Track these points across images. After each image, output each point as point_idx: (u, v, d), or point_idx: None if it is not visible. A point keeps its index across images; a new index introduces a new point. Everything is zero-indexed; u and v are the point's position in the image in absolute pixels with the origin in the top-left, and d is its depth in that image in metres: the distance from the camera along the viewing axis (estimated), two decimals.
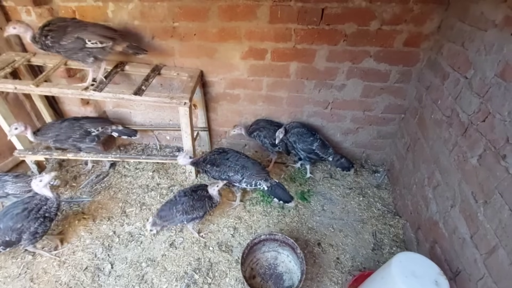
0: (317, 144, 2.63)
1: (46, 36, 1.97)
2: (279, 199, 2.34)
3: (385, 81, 2.49)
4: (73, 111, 3.02)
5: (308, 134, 2.65)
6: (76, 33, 2.01)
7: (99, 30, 2.10)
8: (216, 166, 2.35)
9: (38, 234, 1.99)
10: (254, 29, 2.32)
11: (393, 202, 2.66)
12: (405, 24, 2.16)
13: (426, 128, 2.17)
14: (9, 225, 1.88)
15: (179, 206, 2.14)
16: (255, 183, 2.31)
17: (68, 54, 2.09)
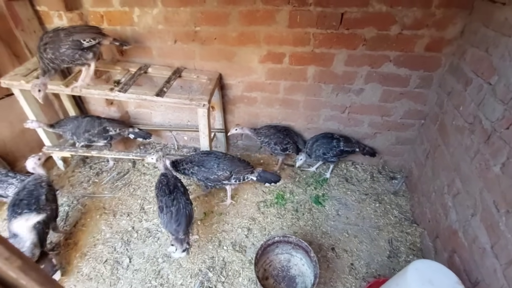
0: (342, 143, 2.68)
1: (45, 50, 2.09)
2: (270, 181, 2.50)
3: (405, 86, 2.45)
4: (98, 111, 3.17)
5: (330, 139, 2.69)
6: (70, 37, 2.14)
7: (87, 30, 2.25)
8: (203, 167, 2.41)
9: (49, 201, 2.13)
10: (273, 33, 2.36)
11: (411, 209, 2.60)
12: (426, 28, 2.13)
13: (447, 135, 2.12)
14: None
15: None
16: (244, 177, 2.44)
17: (69, 59, 2.19)
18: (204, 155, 2.48)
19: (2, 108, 2.59)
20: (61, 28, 2.17)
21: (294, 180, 2.89)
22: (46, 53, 2.10)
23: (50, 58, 2.12)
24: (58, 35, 2.12)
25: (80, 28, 2.24)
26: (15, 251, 0.46)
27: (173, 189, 2.13)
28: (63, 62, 2.19)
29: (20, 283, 0.47)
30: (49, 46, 2.09)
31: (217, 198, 2.72)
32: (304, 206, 2.64)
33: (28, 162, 2.16)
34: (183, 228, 2.00)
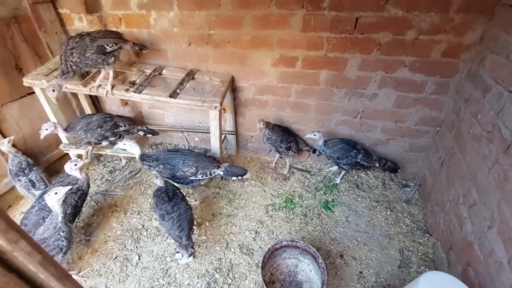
0: (361, 156, 2.62)
1: (72, 54, 2.20)
2: (237, 175, 2.46)
3: (420, 92, 2.40)
4: (113, 110, 3.26)
5: (350, 148, 2.63)
6: (95, 42, 2.23)
7: (109, 35, 2.33)
8: (168, 165, 2.39)
9: (78, 207, 2.23)
10: (286, 37, 2.36)
11: (424, 219, 2.53)
12: (444, 34, 2.08)
13: (464, 143, 2.06)
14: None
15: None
16: (210, 172, 2.41)
17: (93, 63, 2.28)
18: (170, 153, 2.46)
19: (24, 106, 2.70)
20: (85, 33, 2.25)
21: (304, 185, 2.87)
22: (72, 57, 2.20)
23: (75, 62, 2.22)
24: (83, 40, 2.21)
25: (102, 33, 2.32)
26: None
27: (172, 196, 2.16)
28: (86, 66, 2.29)
29: (39, 277, 0.49)
30: (75, 51, 2.19)
31: (226, 199, 2.73)
32: (313, 211, 2.61)
33: (66, 165, 2.24)
34: (185, 234, 2.01)
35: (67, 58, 2.21)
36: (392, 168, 2.70)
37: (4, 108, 2.55)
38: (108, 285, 2.11)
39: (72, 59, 2.20)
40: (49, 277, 0.49)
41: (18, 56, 2.59)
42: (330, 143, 2.69)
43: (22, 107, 2.70)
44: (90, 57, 2.24)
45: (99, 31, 2.34)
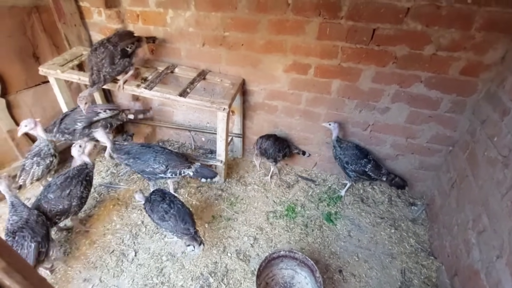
0: (370, 166, 2.54)
1: (103, 65, 2.24)
2: (206, 177, 2.48)
3: (435, 109, 2.33)
4: (124, 105, 3.29)
5: (362, 155, 2.56)
6: (118, 47, 2.27)
7: (124, 37, 2.36)
8: (139, 160, 2.39)
9: (83, 199, 2.22)
10: (300, 44, 2.34)
11: (429, 240, 2.43)
12: (464, 51, 2.01)
13: (477, 166, 1.97)
14: (59, 194, 2.09)
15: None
16: (180, 171, 2.41)
17: (122, 68, 2.34)
18: (142, 148, 2.44)
19: (38, 94, 2.76)
20: (105, 42, 2.27)
21: (307, 194, 2.82)
22: (105, 68, 2.26)
23: (108, 71, 2.28)
24: (108, 49, 2.25)
25: (118, 37, 2.34)
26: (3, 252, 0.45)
27: (164, 196, 2.16)
28: (117, 73, 2.35)
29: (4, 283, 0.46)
30: (105, 61, 2.24)
31: (227, 202, 2.70)
32: (315, 222, 2.55)
33: (72, 149, 2.25)
34: (191, 224, 2.03)
35: (99, 69, 2.25)
36: (399, 184, 2.61)
37: (19, 94, 2.61)
38: (102, 278, 2.10)
39: (105, 69, 2.26)
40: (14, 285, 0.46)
41: (36, 45, 2.65)
42: (344, 144, 2.61)
43: (36, 95, 2.75)
44: (119, 63, 2.30)
45: (113, 35, 2.37)
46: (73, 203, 2.15)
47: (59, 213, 2.11)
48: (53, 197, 2.08)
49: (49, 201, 2.08)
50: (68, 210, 2.14)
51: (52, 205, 2.07)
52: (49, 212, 2.06)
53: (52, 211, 2.08)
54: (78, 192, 2.16)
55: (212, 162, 2.78)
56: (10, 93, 2.54)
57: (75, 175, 2.19)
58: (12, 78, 2.52)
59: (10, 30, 2.44)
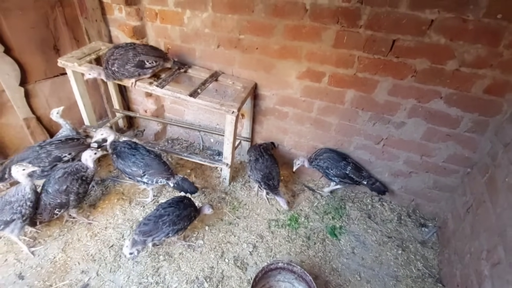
0: (350, 168, 2.51)
1: (113, 64, 2.33)
2: (186, 191, 2.43)
3: (454, 127, 2.20)
4: (137, 100, 3.34)
5: (339, 158, 2.54)
6: (137, 58, 2.33)
7: (152, 52, 2.41)
8: (121, 159, 2.38)
9: (80, 194, 2.25)
10: (315, 51, 2.28)
11: (438, 266, 2.29)
12: (490, 69, 1.89)
13: (496, 192, 1.84)
14: (56, 188, 2.13)
15: (166, 217, 2.03)
16: (156, 180, 2.39)
17: (129, 74, 2.39)
18: (128, 149, 2.41)
19: (55, 85, 2.84)
20: (130, 47, 2.34)
21: (312, 205, 2.73)
22: (113, 66, 2.33)
23: (113, 70, 2.35)
24: (127, 54, 2.31)
25: (147, 49, 2.41)
26: None
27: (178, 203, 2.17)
28: (122, 76, 2.40)
29: None
30: (117, 62, 2.32)
31: (230, 206, 2.66)
32: (318, 235, 2.47)
33: (85, 153, 2.26)
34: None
35: (107, 65, 2.34)
36: (380, 189, 2.57)
37: (37, 84, 2.69)
38: (99, 272, 2.11)
39: (112, 68, 2.34)
40: None
41: (58, 37, 2.73)
42: (314, 155, 2.64)
43: (54, 86, 2.83)
44: (128, 69, 2.35)
45: (144, 46, 2.44)
46: (71, 198, 2.19)
47: (57, 206, 2.16)
48: (51, 191, 2.13)
49: (48, 194, 2.13)
50: (67, 204, 2.20)
51: (50, 199, 2.12)
52: (49, 205, 2.12)
53: (51, 204, 2.12)
54: (75, 189, 2.19)
55: (218, 164, 2.75)
56: (29, 83, 2.62)
57: (73, 172, 2.21)
58: (32, 68, 2.60)
59: (34, 22, 2.52)
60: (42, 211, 2.12)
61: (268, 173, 2.52)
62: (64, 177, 2.17)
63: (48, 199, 2.12)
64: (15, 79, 2.50)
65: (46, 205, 2.12)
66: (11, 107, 2.55)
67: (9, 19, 2.36)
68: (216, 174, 2.98)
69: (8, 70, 2.44)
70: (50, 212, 2.14)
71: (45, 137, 2.82)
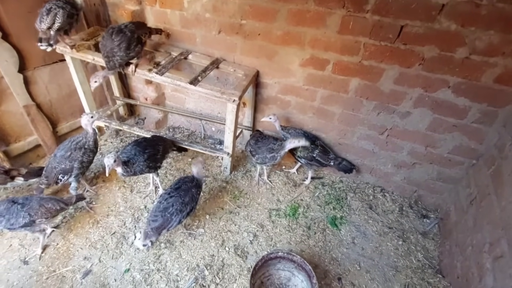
0: (318, 151, 2.53)
1: (120, 49, 2.19)
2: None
3: (461, 118, 2.14)
4: (138, 88, 3.29)
5: (309, 141, 2.47)
6: (135, 34, 2.24)
7: (140, 27, 2.34)
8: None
9: (84, 163, 2.32)
10: (320, 37, 2.20)
11: (439, 257, 2.29)
12: (502, 57, 1.81)
13: (502, 184, 1.80)
14: (62, 154, 2.25)
15: (171, 208, 2.01)
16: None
17: (135, 54, 2.30)
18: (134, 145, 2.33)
19: (54, 71, 2.79)
20: (123, 28, 2.22)
21: (313, 195, 2.72)
22: (121, 52, 2.20)
23: (121, 55, 2.22)
24: (125, 35, 2.20)
25: (135, 25, 2.31)
26: None
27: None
28: (130, 58, 2.31)
29: None
30: (122, 46, 2.20)
31: (231, 195, 2.66)
32: (318, 225, 2.47)
33: (82, 117, 2.30)
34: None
35: (114, 54, 2.21)
36: (347, 167, 2.61)
37: (36, 71, 2.65)
38: (102, 258, 2.14)
39: (119, 54, 2.21)
40: None
41: None
42: (292, 130, 2.62)
43: (53, 72, 2.78)
44: (133, 49, 2.26)
45: (130, 23, 2.33)
46: (74, 165, 2.26)
47: (61, 172, 2.25)
48: (58, 155, 2.25)
49: (55, 158, 2.25)
50: (70, 171, 2.28)
51: (56, 163, 2.23)
52: (54, 168, 2.23)
53: (56, 169, 2.23)
54: (78, 156, 2.27)
55: (219, 153, 2.73)
56: (28, 69, 2.57)
57: (75, 141, 2.30)
58: (30, 54, 2.55)
59: (30, 6, 2.44)
60: (48, 174, 2.24)
61: (270, 148, 2.49)
62: (68, 145, 2.27)
63: (54, 163, 2.23)
64: (14, 65, 2.46)
65: (52, 169, 2.23)
66: (11, 94, 2.52)
67: (6, 4, 2.30)
68: (217, 163, 2.97)
69: (6, 57, 2.39)
70: (55, 176, 2.25)
71: (45, 124, 2.81)
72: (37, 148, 2.84)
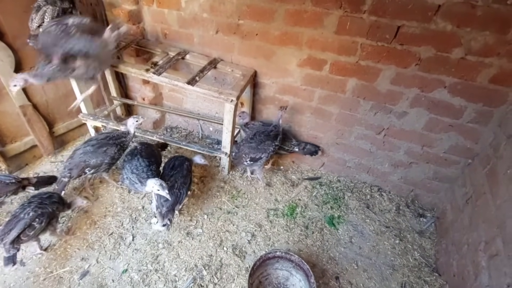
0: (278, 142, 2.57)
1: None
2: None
3: (457, 118, 2.16)
4: (135, 87, 3.28)
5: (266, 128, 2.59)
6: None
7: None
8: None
9: (114, 160, 2.38)
10: (317, 38, 2.21)
11: (435, 255, 2.31)
12: (497, 57, 1.83)
13: (497, 184, 1.82)
14: (96, 148, 2.29)
15: (176, 185, 2.18)
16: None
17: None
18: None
19: None
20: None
21: (311, 195, 2.73)
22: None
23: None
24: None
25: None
26: None
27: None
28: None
29: None
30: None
31: (229, 195, 2.66)
32: (316, 225, 2.48)
33: (129, 120, 2.42)
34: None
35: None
36: (311, 150, 2.71)
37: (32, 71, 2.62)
38: (99, 259, 2.13)
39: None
40: None
41: None
42: (250, 124, 2.72)
43: None
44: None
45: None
46: (105, 161, 2.31)
47: (89, 166, 2.28)
48: (89, 149, 2.28)
49: (86, 152, 2.28)
50: (99, 166, 2.32)
51: (88, 156, 2.26)
52: (83, 162, 2.26)
53: (86, 162, 2.26)
54: (112, 153, 2.32)
55: (217, 153, 2.73)
56: (24, 69, 2.55)
57: (114, 137, 2.38)
58: (26, 54, 2.53)
59: (26, 5, 2.42)
60: (74, 167, 2.26)
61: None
62: (106, 140, 2.32)
63: (85, 156, 2.26)
64: (10, 65, 2.44)
65: (80, 162, 2.25)
66: (7, 94, 2.50)
67: (1, 3, 2.28)
68: (215, 163, 2.97)
69: (2, 56, 2.37)
70: (82, 170, 2.27)
71: (42, 124, 2.79)
72: (33, 148, 2.82)
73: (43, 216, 1.93)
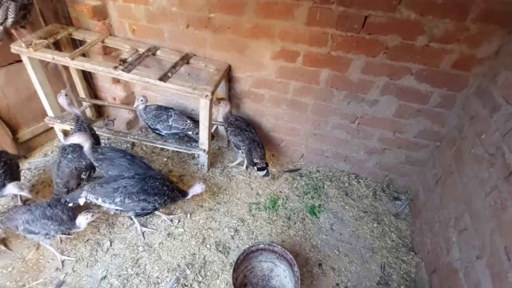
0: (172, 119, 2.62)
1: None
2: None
3: (424, 103, 2.26)
4: (105, 87, 3.14)
5: (164, 112, 2.64)
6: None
7: None
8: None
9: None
10: (289, 29, 2.21)
11: (411, 235, 2.42)
12: (457, 43, 1.92)
13: (463, 163, 1.93)
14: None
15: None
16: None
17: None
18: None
19: (11, 73, 2.58)
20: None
21: (292, 186, 2.76)
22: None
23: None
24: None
25: None
26: None
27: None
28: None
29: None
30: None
31: (209, 192, 2.63)
32: (298, 215, 2.51)
33: (59, 99, 2.27)
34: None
35: None
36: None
37: None
38: (75, 268, 2.04)
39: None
40: None
41: None
42: (148, 108, 2.68)
43: (9, 74, 2.58)
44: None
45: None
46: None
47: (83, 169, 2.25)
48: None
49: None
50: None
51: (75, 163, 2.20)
52: (75, 169, 2.20)
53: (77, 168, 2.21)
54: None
55: (195, 150, 2.69)
56: None
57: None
58: None
59: None
60: (70, 178, 2.19)
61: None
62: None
63: (73, 164, 2.19)
64: None
65: (72, 170, 2.19)
66: None
67: None
68: (194, 161, 2.92)
69: None
70: (77, 177, 2.23)
71: (4, 131, 2.60)
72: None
73: None
